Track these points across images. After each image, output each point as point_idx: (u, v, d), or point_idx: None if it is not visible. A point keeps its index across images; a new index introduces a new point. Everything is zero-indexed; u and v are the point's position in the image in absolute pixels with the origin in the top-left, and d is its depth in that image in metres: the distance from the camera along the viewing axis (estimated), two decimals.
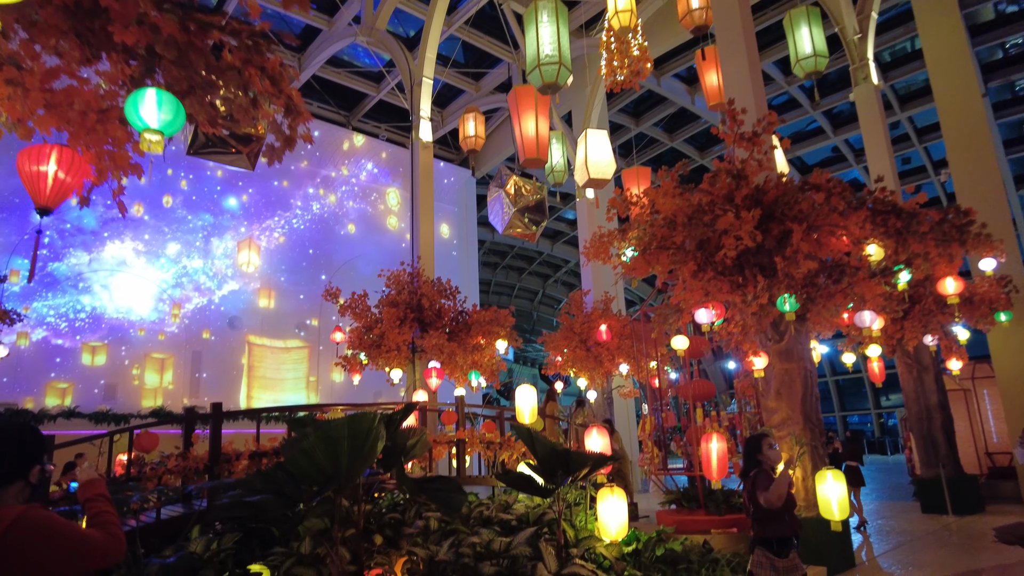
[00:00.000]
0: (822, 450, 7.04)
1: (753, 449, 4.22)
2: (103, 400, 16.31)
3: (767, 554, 3.88)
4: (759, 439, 4.26)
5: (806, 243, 6.52)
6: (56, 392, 15.85)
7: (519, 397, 7.62)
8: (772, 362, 7.23)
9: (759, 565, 3.91)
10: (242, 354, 18.71)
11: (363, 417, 4.08)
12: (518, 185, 14.58)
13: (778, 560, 3.84)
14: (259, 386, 18.89)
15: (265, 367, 19.15)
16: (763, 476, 4.06)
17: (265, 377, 19.06)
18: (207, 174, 18.77)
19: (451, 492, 4.97)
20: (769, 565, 3.85)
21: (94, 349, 16.45)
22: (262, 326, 19.19)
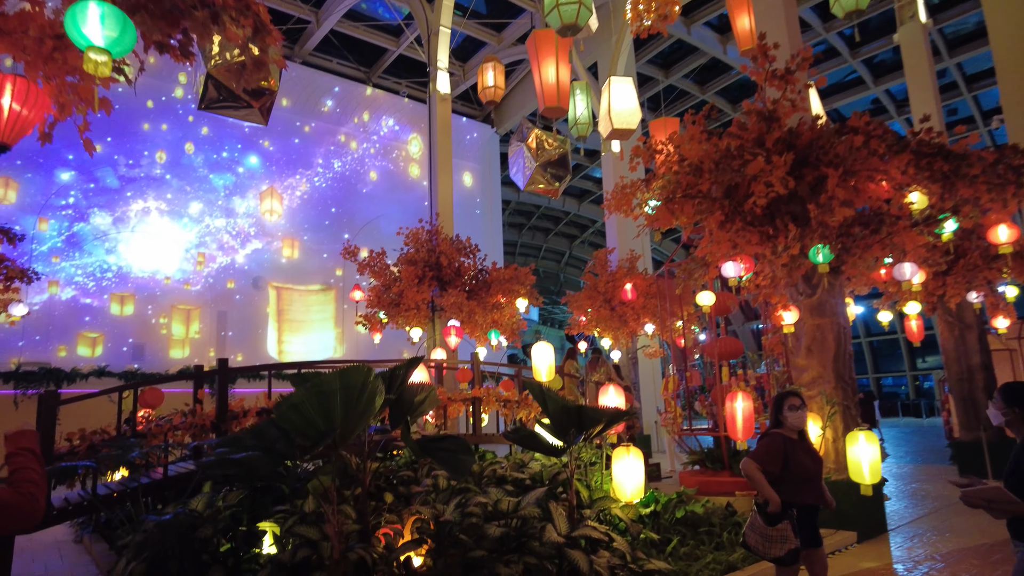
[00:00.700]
0: (855, 410, 6.66)
1: (777, 408, 3.91)
2: (132, 359, 16.54)
3: (759, 518, 3.63)
4: (781, 399, 3.94)
5: (842, 189, 6.04)
6: (87, 342, 16.08)
7: (535, 354, 7.35)
8: (803, 317, 6.81)
9: (751, 527, 3.68)
10: (267, 305, 18.76)
11: (355, 370, 3.84)
12: (540, 139, 14.09)
13: (766, 527, 3.56)
14: (288, 330, 19.02)
15: (293, 311, 19.23)
16: (766, 441, 3.79)
17: (294, 320, 19.14)
18: (227, 131, 18.60)
19: (458, 453, 4.75)
20: (759, 530, 3.60)
21: (122, 299, 16.60)
22: (286, 281, 19.21)
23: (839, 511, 6.35)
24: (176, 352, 17.19)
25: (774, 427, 3.86)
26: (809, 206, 6.14)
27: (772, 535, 3.53)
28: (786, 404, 3.86)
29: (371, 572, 4.67)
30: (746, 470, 3.67)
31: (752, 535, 3.63)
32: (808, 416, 6.51)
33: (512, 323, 12.06)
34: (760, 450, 3.74)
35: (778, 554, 3.56)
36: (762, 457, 3.70)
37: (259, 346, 18.50)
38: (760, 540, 3.57)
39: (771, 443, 3.75)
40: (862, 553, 5.86)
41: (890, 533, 6.57)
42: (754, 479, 3.63)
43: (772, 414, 3.93)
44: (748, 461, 3.68)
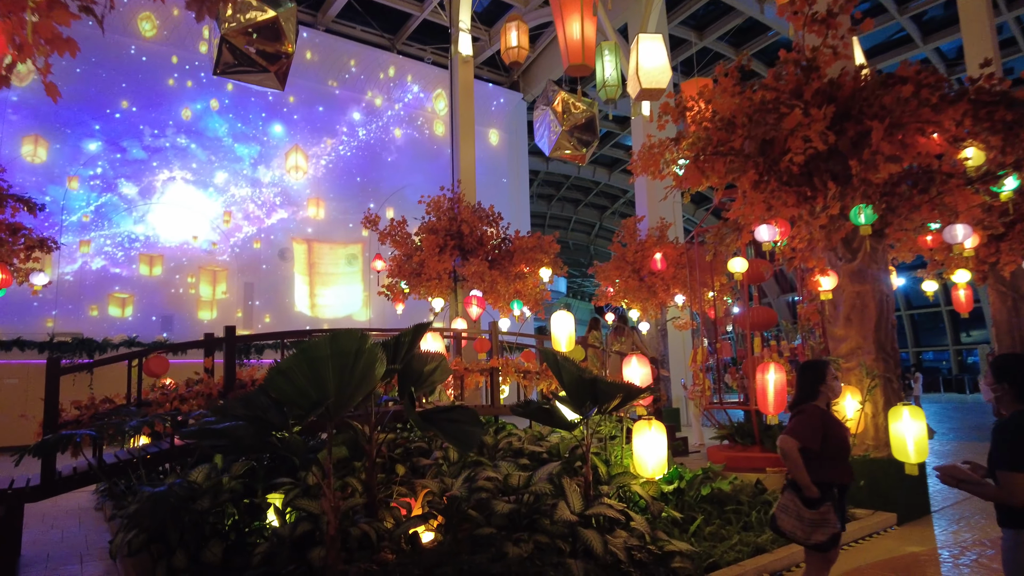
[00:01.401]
0: (897, 383, 6.20)
1: (816, 378, 3.48)
2: (161, 330, 16.71)
3: (796, 500, 3.23)
4: (825, 366, 3.54)
5: (888, 144, 5.52)
6: (117, 302, 16.26)
7: (555, 323, 7.03)
8: (842, 284, 6.34)
9: (784, 510, 3.28)
10: (294, 266, 18.74)
11: (346, 335, 3.56)
12: (566, 102, 13.58)
13: (806, 510, 3.19)
14: (320, 283, 19.06)
15: (324, 264, 19.24)
16: (804, 416, 3.38)
17: (325, 273, 19.14)
18: (252, 101, 18.44)
19: (466, 424, 4.48)
20: (795, 513, 3.22)
21: (151, 260, 16.70)
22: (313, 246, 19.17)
23: (879, 490, 5.96)
24: (205, 319, 17.30)
25: (808, 399, 3.47)
26: (851, 162, 5.63)
27: (814, 519, 3.18)
28: (829, 373, 3.48)
29: (376, 548, 4.46)
30: (785, 449, 3.27)
31: (787, 519, 3.26)
32: (847, 390, 6.10)
33: (535, 293, 11.73)
34: (799, 426, 3.34)
35: (820, 540, 3.19)
36: (803, 433, 3.30)
37: (287, 314, 18.51)
38: (797, 525, 3.21)
39: (810, 417, 3.36)
40: (904, 536, 5.46)
41: (933, 515, 6.15)
42: (792, 460, 3.25)
43: (807, 384, 3.52)
44: (787, 439, 3.28)
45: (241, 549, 4.60)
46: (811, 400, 3.45)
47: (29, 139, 15.52)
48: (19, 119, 15.44)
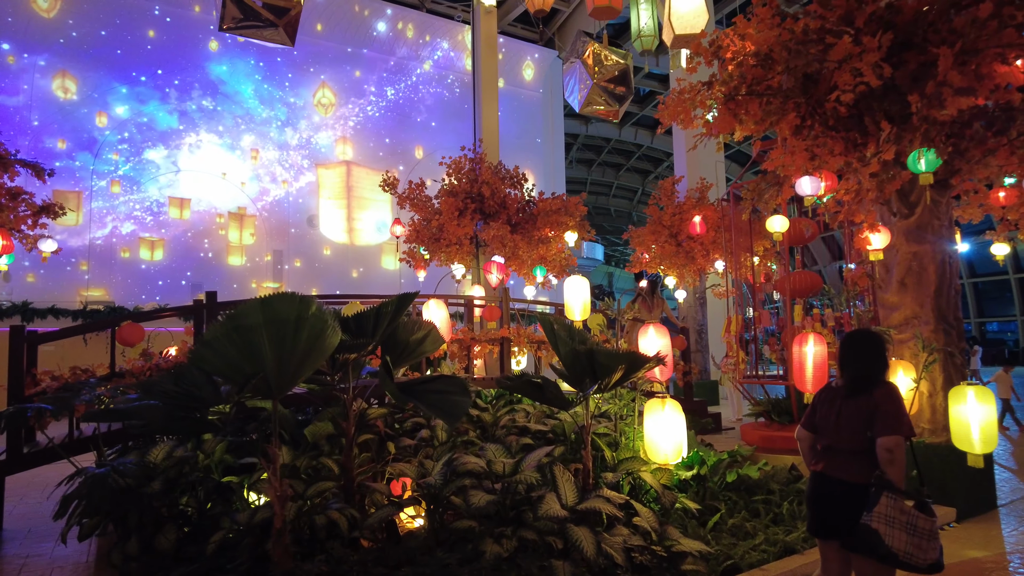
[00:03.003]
0: (960, 359, 5.36)
1: (881, 351, 2.81)
2: (190, 297, 16.67)
3: (904, 507, 2.51)
4: (881, 338, 2.87)
5: (958, 73, 4.61)
6: (146, 267, 16.27)
7: (568, 290, 6.37)
8: (896, 244, 5.48)
9: (890, 523, 2.51)
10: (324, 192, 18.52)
11: (281, 299, 3.00)
12: (597, 54, 12.65)
13: (923, 517, 2.52)
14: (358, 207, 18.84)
15: (361, 187, 18.96)
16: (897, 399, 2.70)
17: (363, 197, 18.90)
18: (278, 61, 18.00)
19: (452, 395, 3.92)
20: (906, 525, 2.50)
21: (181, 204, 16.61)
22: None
23: (935, 481, 5.18)
24: (234, 286, 17.19)
25: (881, 374, 2.79)
26: (910, 97, 4.75)
27: (931, 529, 2.50)
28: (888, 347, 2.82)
29: (346, 538, 3.98)
30: (896, 452, 2.58)
31: (898, 535, 2.50)
32: (898, 365, 5.30)
33: (560, 259, 11.04)
34: (900, 411, 2.67)
35: (934, 558, 2.51)
36: (907, 422, 2.65)
37: (317, 279, 18.26)
38: (912, 541, 2.49)
39: (900, 399, 2.72)
40: (965, 536, 4.70)
41: (1000, 510, 5.34)
42: (899, 464, 2.57)
43: (877, 356, 2.80)
44: (895, 439, 2.59)
45: (203, 535, 4.19)
46: (885, 376, 2.79)
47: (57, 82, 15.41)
48: (45, 82, 15.35)
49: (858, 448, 2.71)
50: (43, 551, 4.86)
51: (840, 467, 2.77)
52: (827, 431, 2.85)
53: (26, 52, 15.18)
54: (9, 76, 15.04)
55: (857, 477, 2.69)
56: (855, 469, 2.72)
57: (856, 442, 2.71)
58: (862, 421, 2.70)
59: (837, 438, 2.79)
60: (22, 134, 15.05)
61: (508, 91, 21.23)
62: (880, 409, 2.67)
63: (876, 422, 2.65)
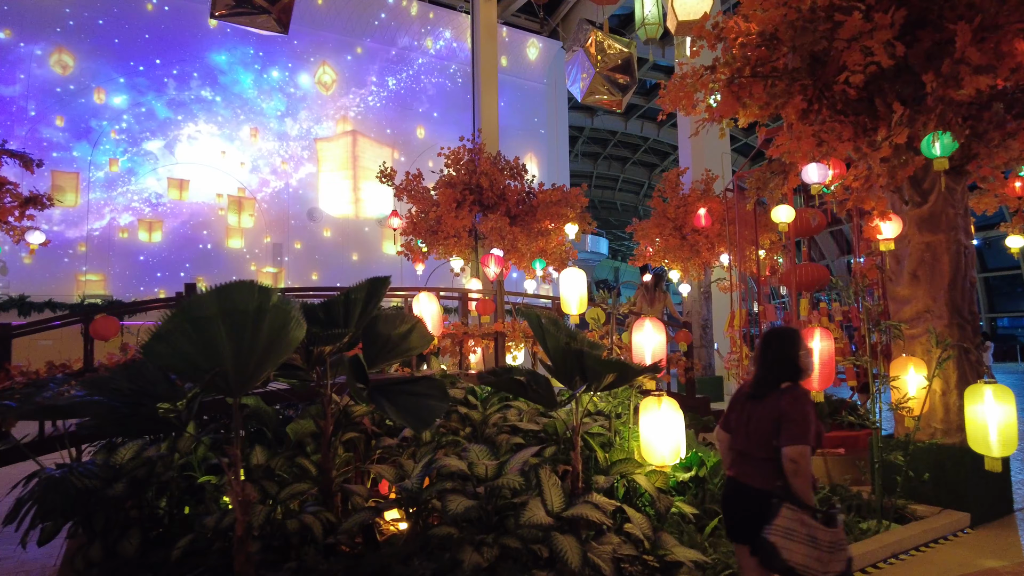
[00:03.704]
0: (975, 355, 5.08)
1: (796, 348, 2.59)
2: None
3: (805, 518, 2.35)
4: (792, 337, 2.63)
5: (977, 50, 4.32)
6: (145, 235, 16.12)
7: (564, 283, 6.12)
8: (908, 233, 5.19)
9: (789, 536, 2.36)
10: (321, 241, 18.28)
11: (238, 288, 2.77)
12: (600, 42, 12.34)
13: (823, 529, 2.34)
14: (364, 176, 18.62)
15: (366, 158, 18.76)
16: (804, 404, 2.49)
17: (367, 168, 18.63)
18: (278, 49, 17.76)
19: (429, 399, 3.69)
20: (806, 537, 2.34)
21: (177, 217, 16.45)
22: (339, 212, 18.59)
23: (948, 484, 4.91)
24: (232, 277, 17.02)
25: (789, 377, 2.56)
26: (925, 76, 4.46)
27: (834, 541, 2.33)
28: (803, 344, 2.59)
29: (319, 543, 3.75)
30: (799, 462, 2.39)
31: (797, 548, 2.34)
32: (909, 362, 5.02)
33: (560, 252, 10.76)
34: (804, 417, 2.45)
35: (839, 570, 2.34)
36: (811, 430, 2.44)
37: (316, 264, 18.02)
38: (812, 554, 2.32)
39: (811, 405, 2.51)
40: (980, 543, 4.43)
41: (1017, 515, 5.06)
42: (805, 473, 2.39)
43: (788, 357, 2.58)
44: (798, 449, 2.40)
45: (172, 540, 3.97)
46: (795, 380, 2.56)
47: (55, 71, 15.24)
48: (43, 72, 15.17)
49: (767, 455, 2.53)
50: (11, 553, 4.67)
51: (750, 473, 2.61)
52: (738, 435, 2.68)
53: (23, 41, 15.00)
54: (6, 65, 14.86)
55: (765, 484, 2.52)
56: (764, 476, 2.54)
57: (765, 449, 2.54)
58: (770, 427, 2.52)
59: (747, 443, 2.62)
60: (19, 123, 14.90)
61: (512, 82, 20.94)
62: (785, 416, 2.48)
63: (782, 430, 2.47)
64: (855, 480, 5.57)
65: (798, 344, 2.56)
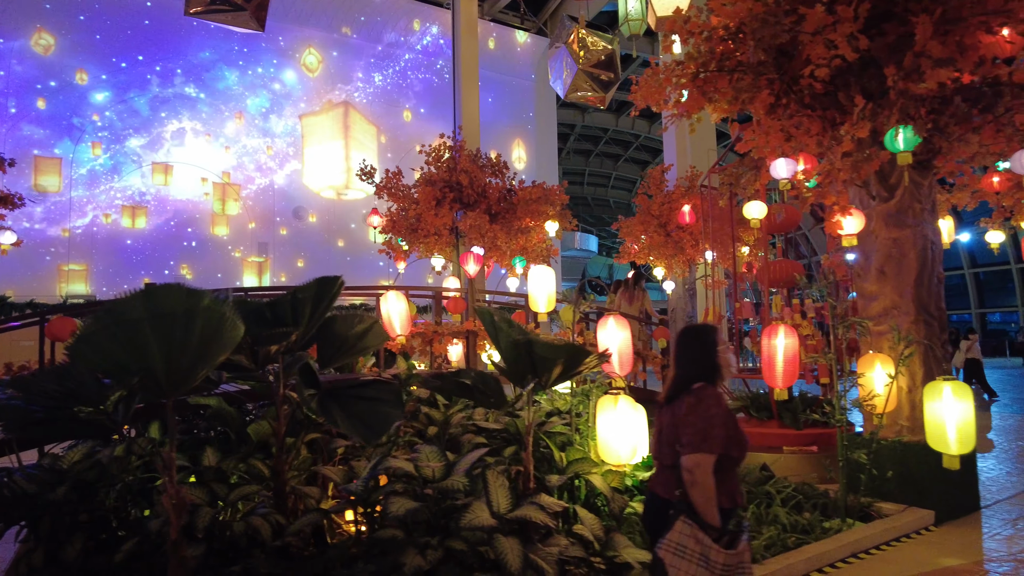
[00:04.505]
0: (940, 352, 5.03)
1: (709, 347, 2.42)
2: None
3: (699, 535, 2.17)
4: (708, 334, 2.48)
5: (939, 43, 4.27)
6: (128, 258, 16.00)
7: (532, 281, 6.06)
8: (875, 229, 5.14)
9: (680, 553, 2.17)
10: (309, 240, 18.18)
11: (165, 291, 2.70)
12: (583, 38, 12.28)
13: (719, 550, 2.15)
14: (356, 147, 18.59)
15: (358, 129, 18.74)
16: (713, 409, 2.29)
17: (359, 139, 18.68)
18: (263, 46, 17.66)
19: (383, 405, 3.62)
20: (699, 557, 2.15)
21: (162, 214, 16.33)
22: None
23: (913, 482, 4.87)
24: (219, 275, 16.94)
25: (702, 377, 2.38)
26: (887, 69, 4.41)
27: (730, 564, 2.15)
28: (720, 340, 2.46)
29: (266, 545, 3.69)
30: (696, 474, 2.19)
31: (685, 567, 2.16)
32: (876, 358, 4.97)
33: (541, 249, 10.70)
34: (707, 425, 2.24)
35: None
36: (715, 438, 2.23)
37: (302, 250, 17.91)
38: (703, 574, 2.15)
39: (721, 404, 2.31)
40: (941, 542, 4.38)
41: (983, 512, 5.02)
42: (705, 488, 2.18)
43: (700, 356, 2.41)
44: (697, 458, 2.20)
45: (121, 544, 3.90)
46: (708, 380, 2.38)
47: (36, 68, 15.12)
48: (24, 68, 15.04)
49: (672, 462, 2.36)
50: None
51: (658, 481, 2.46)
52: (653, 441, 2.54)
53: (2, 37, 14.88)
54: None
55: (668, 494, 2.36)
56: (666, 485, 2.39)
57: (671, 456, 2.36)
58: (674, 432, 2.35)
59: (658, 449, 2.48)
60: (0, 121, 14.79)
61: (499, 79, 20.86)
62: (683, 421, 2.30)
63: (680, 436, 2.29)
64: (824, 478, 5.52)
65: (714, 341, 2.44)
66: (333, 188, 18.29)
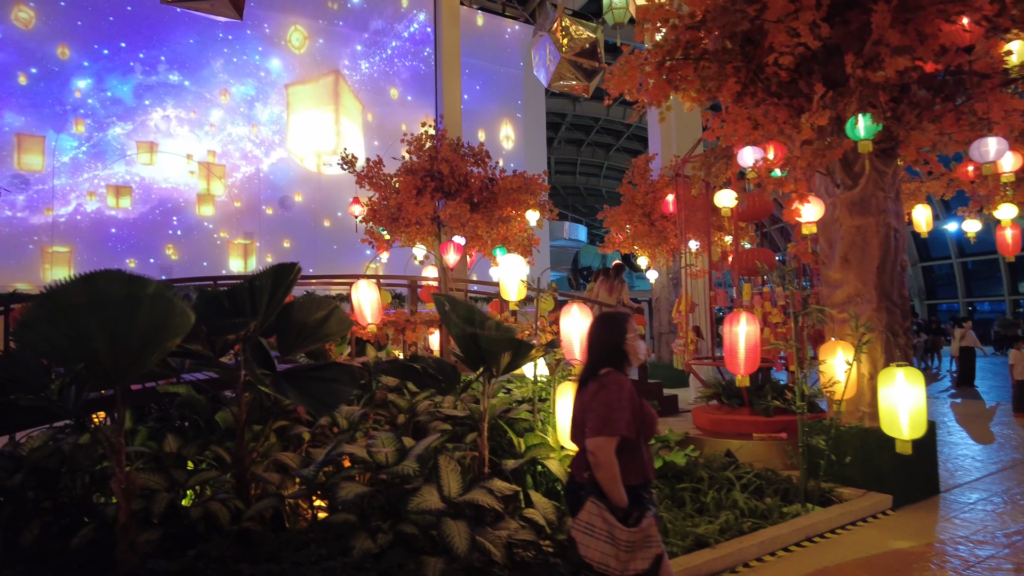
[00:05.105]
0: (903, 339, 5.08)
1: (615, 334, 2.46)
2: (160, 273, 16.37)
3: (605, 515, 2.25)
4: (624, 318, 2.53)
5: (898, 32, 4.28)
6: (114, 246, 15.93)
7: (502, 268, 6.08)
8: (840, 217, 5.17)
9: (589, 531, 2.27)
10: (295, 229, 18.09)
11: (106, 277, 2.70)
12: (566, 26, 12.23)
13: (622, 528, 2.22)
14: (345, 114, 18.44)
15: (346, 97, 18.64)
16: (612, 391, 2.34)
17: (349, 107, 18.58)
18: (248, 33, 17.52)
19: (338, 384, 3.65)
20: (606, 535, 2.24)
21: (146, 202, 16.25)
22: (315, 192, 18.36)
23: (873, 467, 4.93)
24: (205, 263, 16.87)
25: (608, 363, 2.44)
26: (846, 57, 4.42)
27: (633, 540, 2.22)
28: (630, 328, 2.50)
29: (223, 529, 3.72)
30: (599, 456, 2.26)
31: (595, 544, 2.24)
32: (838, 345, 5.01)
33: (522, 238, 10.70)
34: (608, 411, 2.30)
35: (642, 568, 2.23)
36: (617, 422, 2.28)
37: (287, 230, 17.82)
38: (610, 552, 2.22)
39: (623, 389, 2.35)
40: (897, 525, 4.44)
41: (942, 496, 5.09)
42: (609, 470, 2.24)
43: (606, 343, 2.47)
44: (600, 441, 2.27)
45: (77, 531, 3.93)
46: (616, 367, 2.45)
47: (15, 56, 14.98)
48: (4, 56, 14.90)
49: (583, 445, 2.45)
50: None
51: (575, 463, 2.54)
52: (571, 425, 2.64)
53: None
54: None
55: (579, 476, 2.44)
56: (578, 467, 2.48)
57: (581, 439, 2.46)
58: (583, 416, 2.43)
59: (573, 433, 2.57)
60: None
61: (487, 67, 20.79)
62: (587, 405, 2.39)
63: (586, 420, 2.37)
64: (788, 465, 5.58)
65: (622, 328, 2.48)
66: (319, 154, 18.11)
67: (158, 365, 4.14)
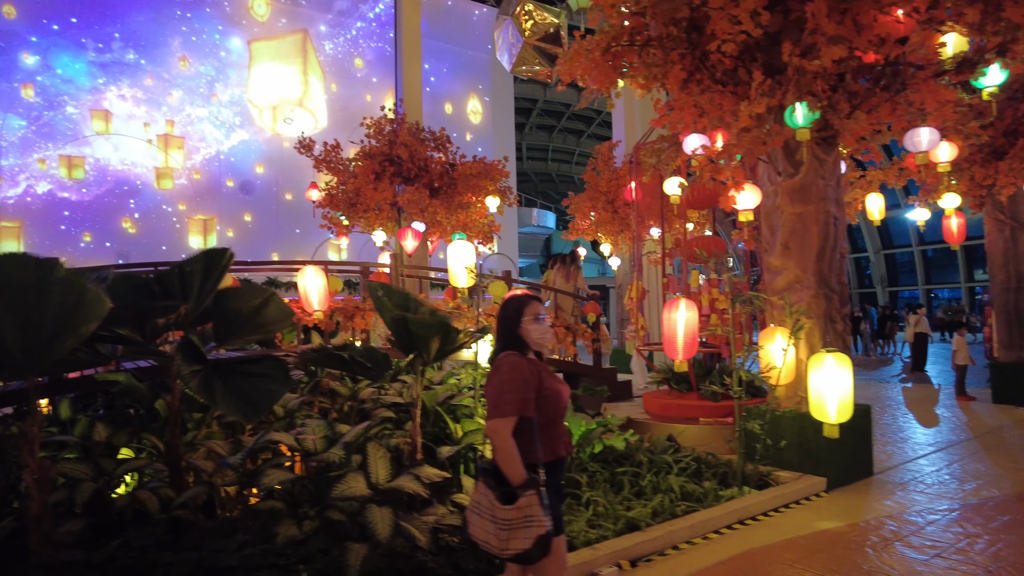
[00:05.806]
0: (841, 324, 5.18)
1: (509, 321, 2.49)
2: (116, 259, 15.98)
3: (488, 493, 2.29)
4: (520, 305, 2.53)
5: (834, 22, 4.33)
6: (67, 230, 15.52)
7: (451, 255, 6.06)
8: (781, 204, 5.24)
9: (476, 510, 2.34)
10: (256, 219, 17.76)
11: (13, 261, 2.63)
12: (529, 10, 12.13)
13: (500, 507, 2.24)
14: (312, 70, 18.20)
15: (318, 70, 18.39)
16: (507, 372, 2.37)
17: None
18: (207, 12, 17.08)
19: (267, 381, 3.60)
20: (489, 513, 2.27)
21: (100, 184, 15.83)
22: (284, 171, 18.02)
23: (809, 450, 5.04)
24: (163, 247, 16.50)
25: (506, 348, 2.47)
26: (783, 45, 4.46)
27: (512, 519, 2.22)
28: (527, 312, 2.50)
29: (152, 518, 3.67)
30: (496, 440, 2.29)
31: (477, 523, 2.31)
32: (777, 331, 5.10)
33: (482, 225, 10.68)
34: (501, 392, 2.33)
35: (522, 547, 2.21)
36: (510, 403, 2.30)
37: (251, 212, 17.53)
38: (491, 530, 2.24)
39: (516, 371, 2.36)
40: (826, 507, 4.55)
41: (876, 478, 5.23)
42: (507, 453, 2.26)
43: (502, 329, 2.50)
44: (495, 423, 2.30)
45: None
46: (516, 349, 2.47)
47: None
48: None
49: None
50: None
51: None
52: None
53: None
54: None
55: None
56: None
57: None
58: None
59: None
60: None
61: (454, 51, 20.56)
62: (485, 389, 2.45)
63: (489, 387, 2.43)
64: (730, 449, 5.67)
65: (518, 312, 2.49)
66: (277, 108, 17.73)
67: (86, 352, 4.07)
